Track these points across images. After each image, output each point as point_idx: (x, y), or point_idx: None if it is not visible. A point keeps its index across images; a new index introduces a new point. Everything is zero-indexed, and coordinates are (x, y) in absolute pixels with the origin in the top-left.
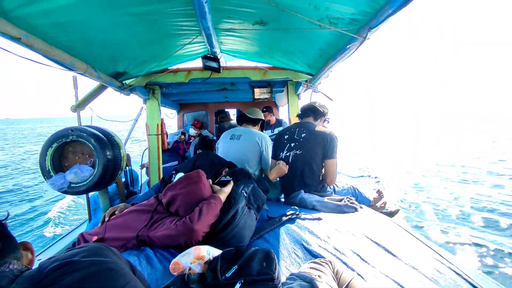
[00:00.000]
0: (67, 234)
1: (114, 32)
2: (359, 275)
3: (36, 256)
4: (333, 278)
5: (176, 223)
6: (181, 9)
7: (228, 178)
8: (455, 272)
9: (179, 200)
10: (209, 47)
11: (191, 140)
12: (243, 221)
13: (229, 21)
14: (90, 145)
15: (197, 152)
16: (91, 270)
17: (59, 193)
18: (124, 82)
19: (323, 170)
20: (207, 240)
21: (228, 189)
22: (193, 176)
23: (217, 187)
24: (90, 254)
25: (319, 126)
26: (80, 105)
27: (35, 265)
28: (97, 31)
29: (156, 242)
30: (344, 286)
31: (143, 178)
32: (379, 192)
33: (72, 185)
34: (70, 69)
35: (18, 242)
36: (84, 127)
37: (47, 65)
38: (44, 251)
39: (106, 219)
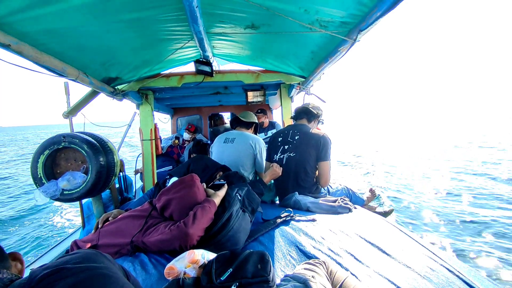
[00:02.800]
0: (60, 242)
1: (105, 38)
2: (353, 274)
3: (29, 265)
4: (327, 278)
5: (170, 227)
6: (172, 14)
7: (222, 181)
8: (447, 269)
9: (173, 205)
10: (201, 51)
11: (185, 145)
12: (237, 224)
13: (220, 25)
14: (82, 151)
15: (191, 156)
16: (84, 276)
17: (51, 200)
18: (116, 87)
19: (317, 172)
20: (202, 243)
21: (222, 192)
22: (187, 180)
23: (211, 191)
24: (82, 260)
25: (314, 128)
26: (72, 111)
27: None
28: (89, 38)
29: (151, 247)
30: (338, 285)
31: (137, 183)
32: (372, 191)
33: (64, 192)
34: (61, 75)
35: (8, 252)
36: (77, 133)
37: (38, 72)
38: (36, 260)
39: (100, 225)
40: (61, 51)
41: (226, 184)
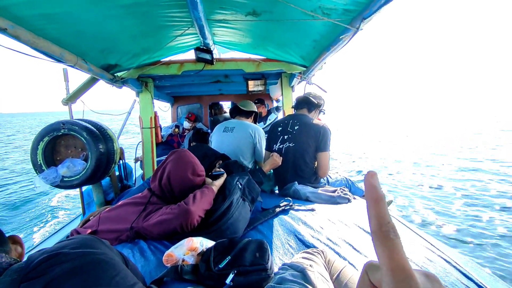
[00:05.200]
0: (61, 229)
1: (105, 24)
2: (351, 264)
3: (30, 251)
4: (325, 267)
5: (171, 207)
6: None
7: (220, 171)
8: (445, 260)
9: (168, 174)
10: (201, 39)
11: (185, 133)
12: (237, 213)
13: (221, 11)
14: (82, 138)
15: (191, 145)
16: (80, 262)
17: (51, 187)
18: (116, 74)
19: (316, 163)
20: (202, 230)
21: (219, 182)
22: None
23: (209, 180)
24: (80, 246)
25: (314, 118)
26: (71, 98)
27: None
28: (87, 23)
29: (151, 231)
30: (336, 274)
31: (137, 171)
32: None
33: (64, 179)
34: (60, 61)
35: (7, 235)
36: (76, 120)
37: (36, 57)
38: (37, 246)
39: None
40: (59, 37)
41: (225, 174)
